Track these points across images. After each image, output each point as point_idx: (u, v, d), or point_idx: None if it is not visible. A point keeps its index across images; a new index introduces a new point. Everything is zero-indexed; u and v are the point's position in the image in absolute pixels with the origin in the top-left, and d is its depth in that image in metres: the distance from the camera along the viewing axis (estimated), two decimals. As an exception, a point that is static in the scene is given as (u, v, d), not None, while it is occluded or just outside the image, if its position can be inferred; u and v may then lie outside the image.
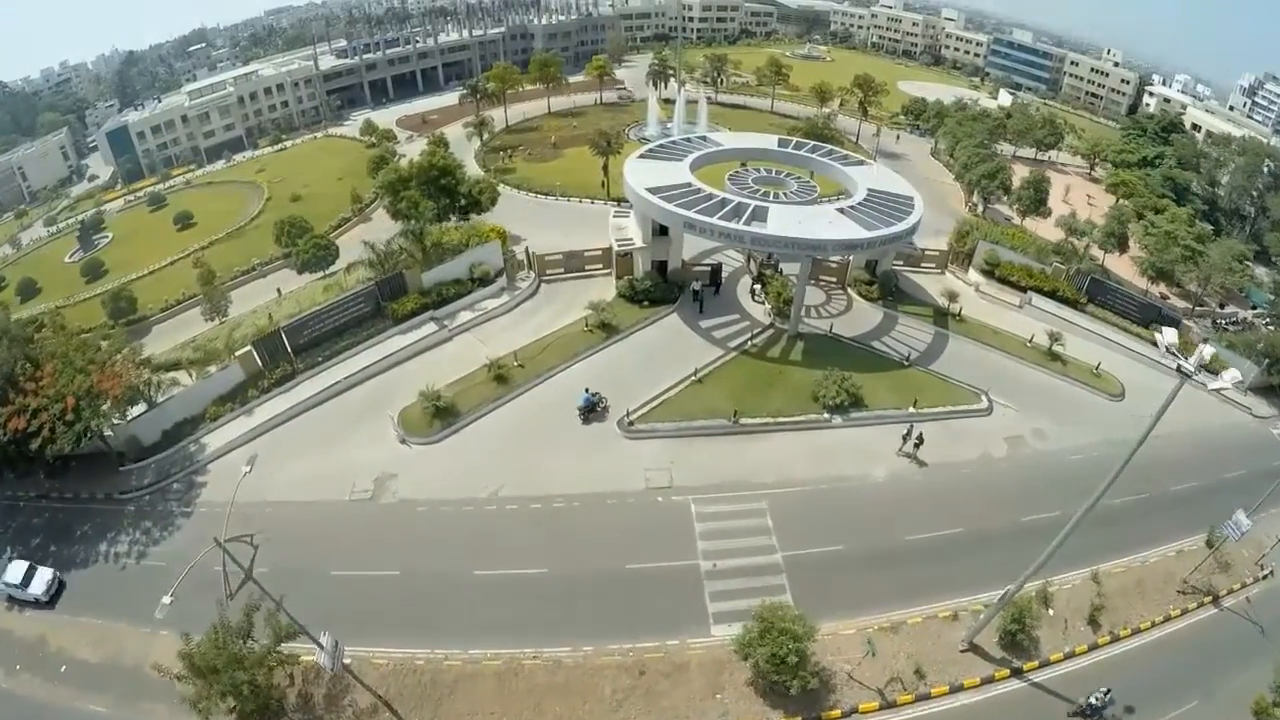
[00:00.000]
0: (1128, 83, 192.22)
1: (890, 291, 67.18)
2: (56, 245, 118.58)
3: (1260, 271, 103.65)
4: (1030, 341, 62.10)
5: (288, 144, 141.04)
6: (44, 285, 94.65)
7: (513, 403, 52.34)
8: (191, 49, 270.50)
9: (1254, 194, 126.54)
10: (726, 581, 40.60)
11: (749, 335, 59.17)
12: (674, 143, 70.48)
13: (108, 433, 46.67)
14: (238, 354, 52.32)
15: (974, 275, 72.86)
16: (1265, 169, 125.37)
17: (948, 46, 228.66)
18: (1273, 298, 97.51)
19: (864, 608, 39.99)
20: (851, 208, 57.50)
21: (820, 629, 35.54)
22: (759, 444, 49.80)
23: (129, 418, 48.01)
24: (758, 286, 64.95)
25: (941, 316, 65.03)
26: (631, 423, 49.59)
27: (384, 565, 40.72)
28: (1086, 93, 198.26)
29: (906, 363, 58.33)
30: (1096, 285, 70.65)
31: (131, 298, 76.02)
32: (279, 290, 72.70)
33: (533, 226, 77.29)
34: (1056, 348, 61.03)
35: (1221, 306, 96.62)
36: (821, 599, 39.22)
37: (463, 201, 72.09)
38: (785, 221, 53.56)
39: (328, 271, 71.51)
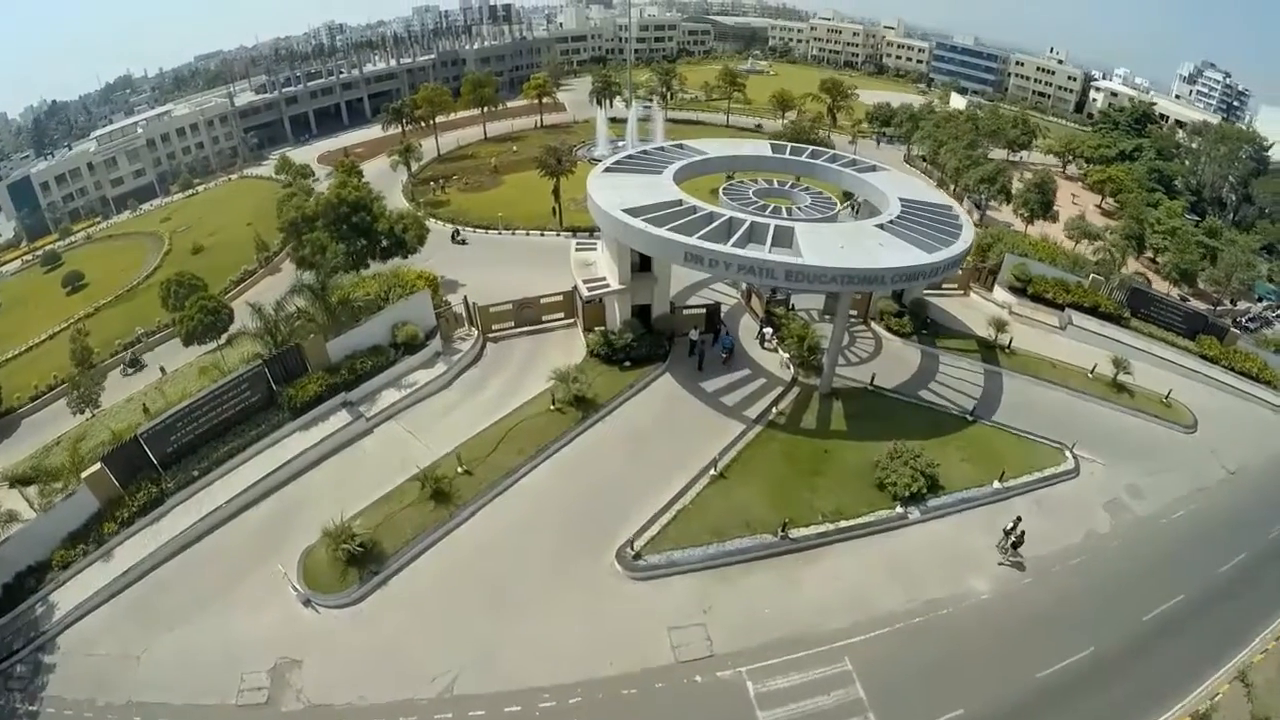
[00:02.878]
0: (1074, 79, 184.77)
1: (924, 324, 53.02)
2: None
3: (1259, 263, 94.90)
4: (1093, 372, 49.71)
5: (199, 188, 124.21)
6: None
7: (460, 531, 35.47)
8: (115, 96, 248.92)
9: (1234, 181, 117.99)
10: (818, 811, 25.33)
11: (771, 400, 44.18)
12: (646, 153, 54.71)
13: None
14: (86, 474, 35.52)
15: (1001, 294, 59.85)
16: (1245, 154, 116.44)
17: (889, 55, 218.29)
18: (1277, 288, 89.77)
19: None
20: (891, 223, 42.89)
21: None
22: (820, 564, 34.36)
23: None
24: (768, 330, 49.88)
25: (989, 350, 51.47)
26: (638, 554, 33.36)
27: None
28: (1034, 92, 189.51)
29: (971, 417, 44.32)
30: (1138, 296, 59.13)
31: (-9, 386, 58.69)
32: (162, 369, 56.23)
33: (472, 269, 61.68)
34: (1124, 377, 48.84)
35: (1233, 304, 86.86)
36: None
37: (384, 242, 55.89)
38: (822, 246, 38.62)
39: (221, 342, 55.06)
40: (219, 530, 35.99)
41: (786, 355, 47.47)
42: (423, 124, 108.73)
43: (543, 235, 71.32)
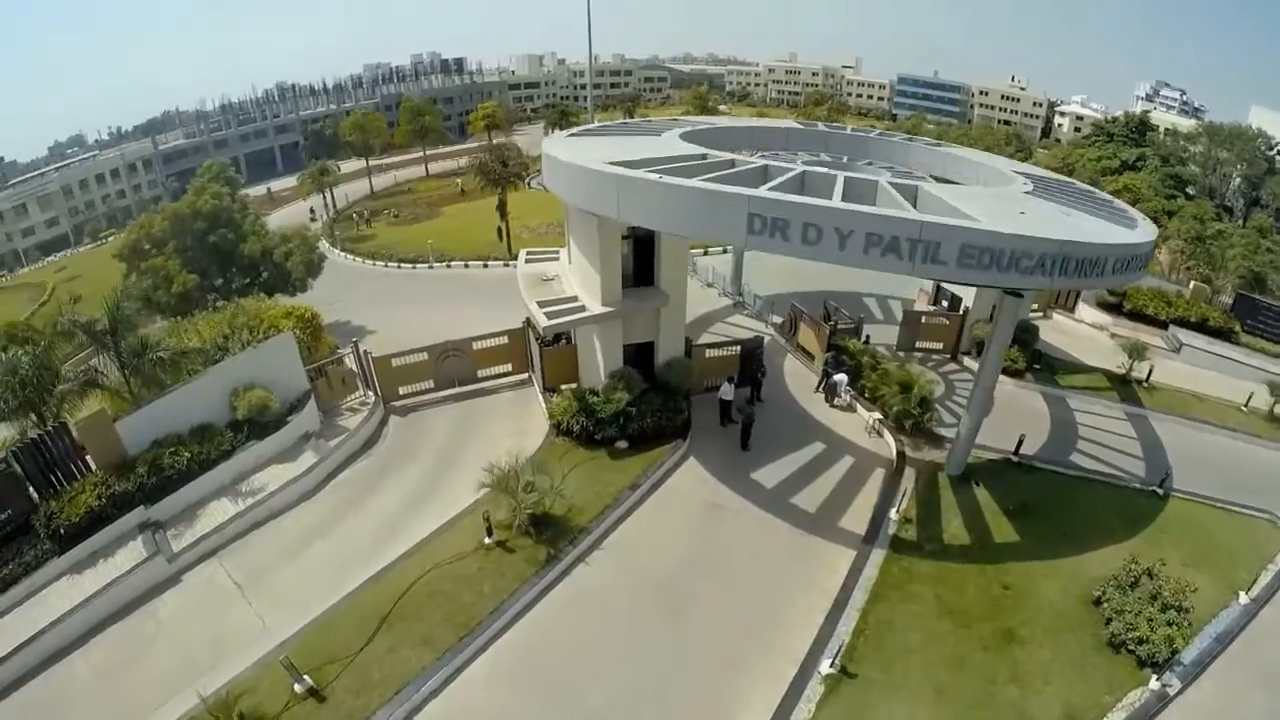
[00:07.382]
0: (1040, 105, 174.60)
1: (1037, 357, 35.83)
2: None
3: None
4: (1247, 405, 34.59)
5: (109, 238, 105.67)
6: None
7: None
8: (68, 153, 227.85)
9: (1243, 183, 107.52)
10: None
11: (876, 492, 25.80)
12: (626, 124, 36.00)
13: None
14: None
15: (1091, 313, 44.12)
16: (1256, 154, 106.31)
17: (850, 94, 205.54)
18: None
19: None
20: (1039, 192, 25.30)
21: None
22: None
23: None
24: (840, 377, 31.11)
25: (1124, 387, 35.12)
26: None
27: None
28: (999, 120, 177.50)
29: (1160, 490, 26.93)
30: (1244, 304, 45.62)
31: None
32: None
33: (389, 309, 43.88)
34: (1283, 409, 33.97)
35: (1282, 306, 74.21)
36: None
37: (263, 274, 37.11)
38: (991, 211, 20.03)
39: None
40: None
41: (876, 416, 29.47)
42: (351, 153, 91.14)
43: (486, 266, 52.91)
